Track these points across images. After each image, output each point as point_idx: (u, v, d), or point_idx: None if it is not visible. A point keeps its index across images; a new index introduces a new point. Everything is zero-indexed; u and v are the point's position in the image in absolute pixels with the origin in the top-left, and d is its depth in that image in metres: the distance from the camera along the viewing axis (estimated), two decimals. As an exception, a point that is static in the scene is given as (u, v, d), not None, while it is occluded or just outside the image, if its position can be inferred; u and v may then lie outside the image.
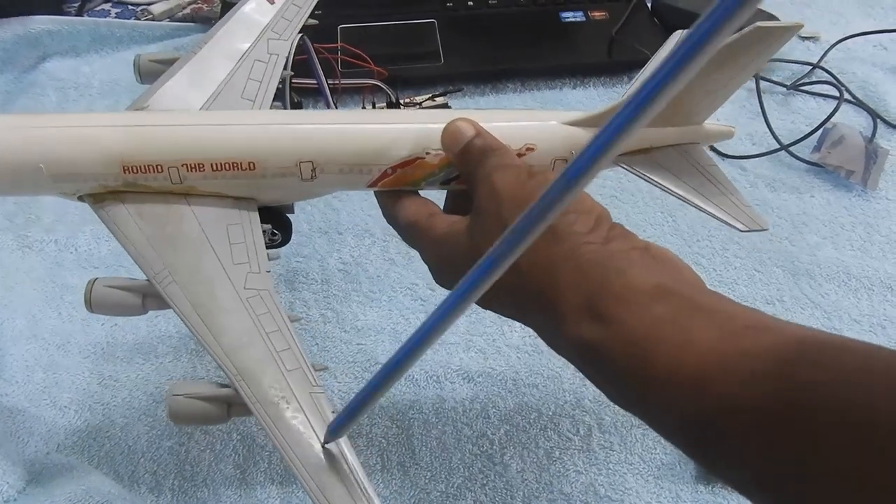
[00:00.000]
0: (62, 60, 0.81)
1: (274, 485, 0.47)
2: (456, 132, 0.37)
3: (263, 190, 0.39)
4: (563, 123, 0.39)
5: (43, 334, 0.55)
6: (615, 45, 0.77)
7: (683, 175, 0.39)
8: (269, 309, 0.36)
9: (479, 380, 0.52)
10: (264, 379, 0.34)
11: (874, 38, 0.80)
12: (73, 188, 0.38)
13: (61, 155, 0.36)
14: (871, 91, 0.74)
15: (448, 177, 0.39)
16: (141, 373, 0.53)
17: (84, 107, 0.76)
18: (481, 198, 0.33)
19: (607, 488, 0.47)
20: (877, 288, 0.58)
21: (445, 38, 0.77)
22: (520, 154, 0.38)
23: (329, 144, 0.38)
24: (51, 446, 0.49)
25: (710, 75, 0.37)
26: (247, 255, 0.37)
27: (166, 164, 0.37)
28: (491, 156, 0.35)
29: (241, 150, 0.37)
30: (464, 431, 0.50)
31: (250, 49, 0.43)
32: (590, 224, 0.32)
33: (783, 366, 0.24)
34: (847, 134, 0.66)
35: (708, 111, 0.40)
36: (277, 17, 0.45)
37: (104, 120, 0.38)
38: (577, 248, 0.30)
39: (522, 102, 0.75)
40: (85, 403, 0.51)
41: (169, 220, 0.37)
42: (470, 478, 0.47)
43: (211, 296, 0.35)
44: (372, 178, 0.38)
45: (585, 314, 0.29)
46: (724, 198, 0.39)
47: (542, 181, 0.33)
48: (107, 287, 0.38)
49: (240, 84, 0.42)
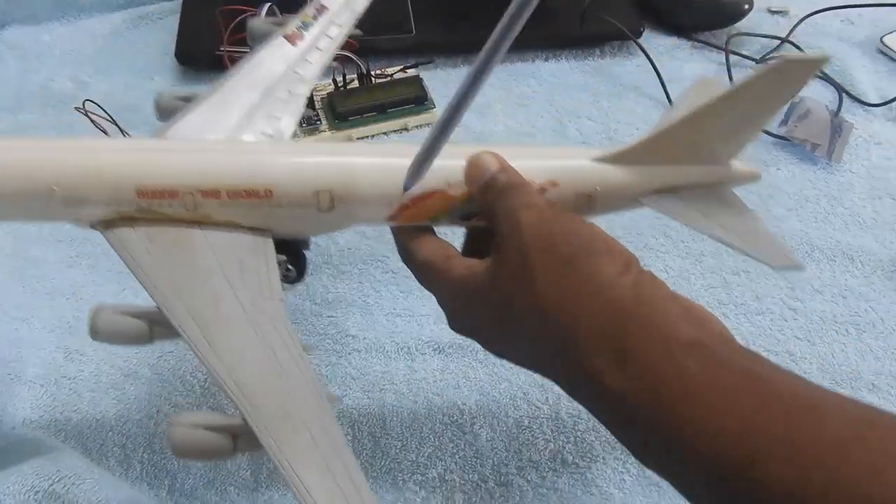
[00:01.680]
0: (21, 28, 0.78)
1: (244, 456, 0.47)
2: (479, 165, 0.35)
3: (279, 220, 0.37)
4: (589, 160, 0.38)
5: (6, 308, 0.54)
6: (587, 18, 0.77)
7: (712, 213, 0.39)
8: (281, 336, 0.35)
9: (449, 351, 0.53)
10: (275, 408, 0.32)
11: (842, 12, 0.81)
12: (85, 213, 0.36)
13: (75, 177, 0.35)
14: (838, 65, 0.75)
15: (468, 211, 0.37)
16: (108, 347, 0.52)
17: (45, 77, 0.74)
18: (503, 236, 0.32)
19: (574, 456, 0.48)
20: (839, 259, 0.59)
21: (417, 9, 0.76)
22: (543, 189, 0.37)
23: (348, 174, 0.37)
24: (16, 421, 0.49)
25: (734, 113, 0.36)
26: (259, 283, 0.36)
27: (182, 190, 0.35)
28: (514, 192, 0.34)
29: (257, 177, 0.36)
30: (434, 402, 0.50)
31: (271, 88, 0.43)
32: (618, 267, 0.30)
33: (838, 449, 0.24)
34: (813, 108, 0.67)
35: (734, 150, 0.39)
36: (300, 59, 0.45)
37: (120, 144, 0.37)
38: (604, 289, 0.29)
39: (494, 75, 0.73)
40: (51, 378, 0.51)
41: (181, 247, 0.36)
42: (440, 447, 0.48)
43: (218, 319, 0.34)
44: (391, 210, 0.37)
45: (611, 360, 0.28)
46: (756, 236, 0.38)
47: (566, 223, 0.32)
48: (114, 314, 0.36)
49: (259, 121, 0.41)
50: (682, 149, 0.38)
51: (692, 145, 0.38)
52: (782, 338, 0.54)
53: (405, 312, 0.55)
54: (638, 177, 0.38)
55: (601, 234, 0.32)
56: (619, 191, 0.38)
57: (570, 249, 0.30)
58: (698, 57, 0.77)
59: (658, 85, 0.72)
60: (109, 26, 0.79)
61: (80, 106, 0.62)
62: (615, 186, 0.38)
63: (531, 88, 0.73)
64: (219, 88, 0.42)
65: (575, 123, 0.70)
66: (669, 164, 0.38)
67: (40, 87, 0.73)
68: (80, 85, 0.73)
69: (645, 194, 0.39)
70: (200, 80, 0.73)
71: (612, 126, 0.70)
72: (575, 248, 0.31)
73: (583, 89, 0.73)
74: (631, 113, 0.71)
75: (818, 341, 0.54)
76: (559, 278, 0.30)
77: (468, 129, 0.69)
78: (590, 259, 0.30)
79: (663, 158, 0.38)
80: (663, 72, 0.73)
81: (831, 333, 0.54)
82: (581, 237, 0.31)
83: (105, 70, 0.74)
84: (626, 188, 0.38)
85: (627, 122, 0.70)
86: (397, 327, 0.54)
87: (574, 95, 0.73)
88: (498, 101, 0.72)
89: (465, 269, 0.34)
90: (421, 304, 0.55)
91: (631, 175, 0.38)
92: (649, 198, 0.39)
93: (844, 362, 0.53)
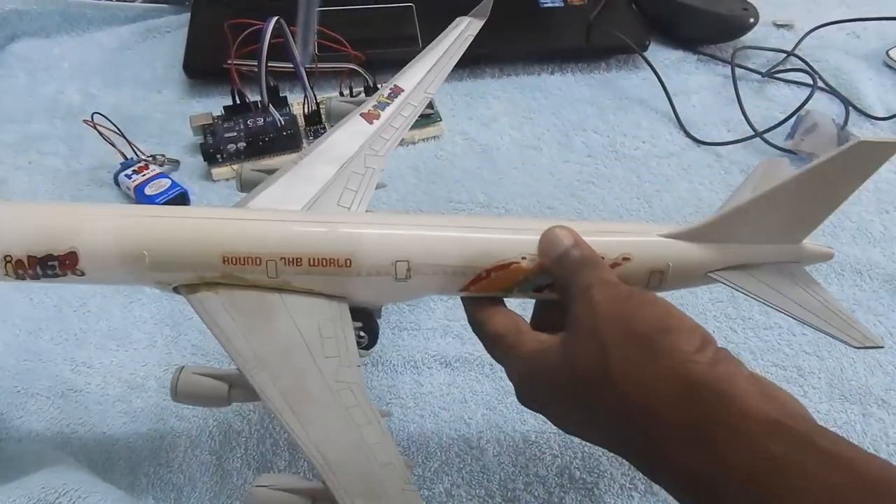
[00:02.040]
0: (31, 41, 0.79)
1: (250, 470, 0.47)
2: (553, 239, 0.36)
3: (356, 289, 0.39)
4: (661, 236, 0.39)
5: (14, 320, 0.54)
6: (593, 31, 0.77)
7: (784, 290, 0.39)
8: (359, 402, 0.35)
9: (456, 365, 0.52)
10: (355, 474, 0.33)
11: (847, 26, 0.81)
12: (171, 278, 0.38)
13: (165, 243, 0.37)
14: (844, 79, 0.75)
15: (541, 284, 0.38)
16: (115, 359, 0.53)
17: (54, 89, 0.74)
18: (577, 313, 0.33)
19: (582, 471, 0.47)
20: (846, 273, 0.59)
21: (423, 22, 0.76)
22: (615, 264, 0.38)
23: (426, 245, 0.38)
24: (23, 433, 0.48)
25: (807, 193, 0.36)
26: (337, 349, 0.37)
27: (265, 258, 0.37)
28: (588, 268, 0.35)
29: (338, 247, 0.37)
30: (441, 416, 0.50)
31: (348, 163, 0.45)
32: (695, 343, 0.30)
33: None
34: (820, 121, 0.67)
35: (807, 230, 0.39)
36: (375, 136, 0.47)
37: (208, 212, 0.39)
38: (681, 366, 0.29)
39: (500, 88, 0.75)
40: (57, 390, 0.51)
41: (261, 312, 0.37)
42: (447, 462, 0.48)
43: (301, 387, 0.35)
44: (466, 280, 0.38)
45: (692, 440, 0.28)
46: (831, 313, 0.38)
47: (641, 301, 0.32)
48: (195, 375, 0.38)
49: (336, 193, 0.43)
50: (754, 228, 0.38)
51: (764, 225, 0.38)
52: (790, 352, 0.54)
53: (411, 326, 0.55)
54: (710, 254, 0.39)
55: (675, 311, 0.32)
56: (692, 268, 0.39)
57: (645, 327, 0.31)
58: (704, 70, 0.77)
59: (664, 98, 0.72)
60: (118, 39, 0.80)
61: (89, 118, 0.62)
62: (687, 263, 0.39)
63: (537, 102, 0.74)
64: (298, 163, 0.44)
65: (581, 136, 0.70)
66: (741, 242, 0.39)
67: (49, 99, 0.73)
68: (89, 97, 0.73)
69: (716, 271, 0.39)
70: (209, 92, 0.73)
71: (619, 139, 0.70)
72: (650, 326, 0.31)
73: (589, 102, 0.74)
74: (637, 126, 0.71)
75: (827, 356, 0.54)
76: (635, 357, 0.30)
77: (473, 140, 0.69)
78: (666, 337, 0.30)
79: (736, 237, 0.39)
80: (669, 85, 0.73)
81: (840, 348, 0.54)
82: (655, 315, 0.31)
83: (113, 82, 0.75)
84: (698, 265, 0.39)
85: (633, 136, 0.70)
86: (403, 341, 0.54)
87: (580, 108, 0.73)
88: (504, 114, 0.72)
89: (537, 343, 0.34)
90: (427, 318, 0.55)
91: (703, 252, 0.39)
92: (719, 273, 0.39)
93: (853, 377, 0.52)
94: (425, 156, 0.68)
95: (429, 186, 0.65)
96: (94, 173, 0.65)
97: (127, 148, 0.64)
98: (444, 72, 0.52)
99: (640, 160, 0.68)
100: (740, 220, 0.38)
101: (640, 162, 0.68)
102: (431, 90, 0.51)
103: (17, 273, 0.37)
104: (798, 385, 0.52)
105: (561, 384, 0.32)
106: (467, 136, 0.70)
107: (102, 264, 0.37)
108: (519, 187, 0.65)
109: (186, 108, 0.71)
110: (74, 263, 0.36)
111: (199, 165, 0.66)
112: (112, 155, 0.64)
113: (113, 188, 0.64)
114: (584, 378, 0.31)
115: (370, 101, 0.49)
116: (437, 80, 0.51)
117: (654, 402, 0.29)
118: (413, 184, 0.65)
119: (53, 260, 0.36)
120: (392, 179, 0.65)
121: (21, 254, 0.36)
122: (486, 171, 0.67)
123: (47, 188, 0.64)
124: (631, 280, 0.37)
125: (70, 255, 0.36)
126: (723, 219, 0.38)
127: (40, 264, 0.36)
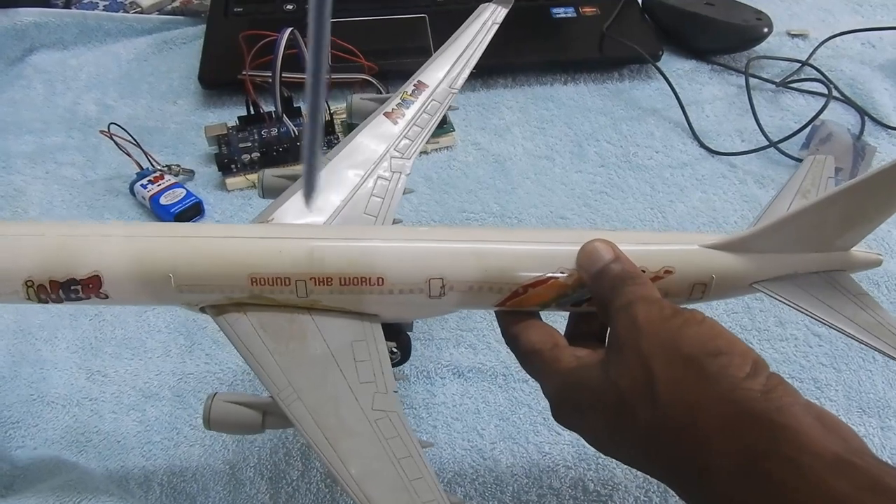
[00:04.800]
0: (49, 53, 0.80)
1: (264, 480, 0.47)
2: (593, 253, 0.35)
3: (388, 307, 0.37)
4: (703, 246, 0.38)
5: (30, 329, 0.55)
6: (606, 41, 0.77)
7: (832, 302, 0.37)
8: (398, 432, 0.34)
9: (469, 375, 0.52)
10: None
11: (862, 35, 0.81)
12: (197, 299, 0.37)
13: (190, 265, 0.36)
14: (859, 88, 0.74)
15: (580, 299, 0.37)
16: (130, 368, 0.53)
17: (71, 100, 0.75)
18: (620, 331, 0.31)
19: (596, 483, 0.47)
20: (864, 284, 0.58)
21: (436, 32, 0.77)
22: (658, 277, 0.37)
23: (460, 261, 0.36)
24: (38, 441, 0.49)
25: (858, 203, 0.35)
26: (373, 374, 0.36)
27: (294, 278, 0.36)
28: (629, 284, 0.33)
29: (370, 265, 0.36)
30: (454, 426, 0.50)
31: (373, 167, 0.43)
32: (746, 369, 0.28)
33: None
34: (835, 131, 0.67)
35: (855, 238, 0.38)
36: (400, 137, 0.45)
37: (233, 231, 0.37)
38: (733, 392, 0.27)
39: (513, 98, 0.75)
40: (73, 398, 0.51)
41: (293, 335, 0.36)
42: (460, 473, 0.48)
43: (338, 417, 0.34)
44: (502, 297, 0.37)
45: (743, 471, 0.26)
46: (880, 326, 0.36)
47: (687, 320, 0.30)
48: (228, 402, 0.37)
49: (363, 200, 0.42)
50: (800, 237, 0.37)
51: (811, 234, 0.37)
52: (807, 364, 0.53)
53: (424, 336, 0.55)
54: (754, 264, 0.37)
55: (725, 332, 0.30)
56: (735, 279, 0.37)
57: (693, 349, 0.29)
58: (718, 80, 0.77)
59: (677, 108, 0.72)
60: (134, 51, 0.81)
61: (105, 128, 0.63)
62: (731, 274, 0.37)
63: (550, 112, 0.74)
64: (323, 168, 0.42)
65: (594, 147, 0.70)
66: (786, 252, 0.37)
67: (66, 110, 0.74)
68: (105, 108, 0.74)
69: (760, 282, 0.38)
70: (223, 103, 0.74)
71: (632, 150, 0.70)
72: (698, 348, 0.29)
73: (602, 113, 0.73)
74: (650, 136, 0.71)
75: (844, 368, 0.53)
76: (682, 379, 0.28)
77: (486, 151, 0.69)
78: (715, 360, 0.28)
79: (780, 247, 0.37)
80: (682, 95, 0.73)
81: (857, 360, 0.53)
82: (704, 335, 0.30)
83: (129, 93, 0.76)
84: (742, 276, 0.37)
85: (647, 146, 0.70)
86: (416, 350, 0.54)
87: (593, 119, 0.73)
88: (516, 124, 0.72)
89: (575, 360, 0.33)
90: (440, 328, 0.55)
91: (747, 263, 0.37)
92: (765, 284, 0.37)
93: (872, 390, 0.52)
94: (438, 166, 0.68)
95: (441, 196, 0.65)
96: (110, 183, 0.66)
97: (143, 158, 0.65)
98: (470, 64, 0.49)
99: (653, 170, 0.68)
100: (786, 230, 0.37)
101: (653, 172, 0.68)
102: (457, 85, 0.48)
103: (40, 297, 0.36)
104: (815, 397, 0.51)
105: (601, 406, 0.31)
106: (480, 146, 0.70)
107: (127, 287, 0.36)
108: (532, 197, 0.65)
109: (201, 118, 0.72)
110: (98, 287, 0.36)
111: (214, 175, 0.66)
112: (128, 165, 0.65)
113: (129, 198, 0.64)
114: (628, 399, 0.30)
115: (394, 98, 0.47)
116: (463, 74, 0.49)
117: (702, 427, 0.27)
118: (426, 194, 0.65)
119: (76, 284, 0.35)
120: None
121: (43, 279, 0.35)
122: (499, 182, 0.67)
123: (64, 198, 0.65)
124: (672, 292, 0.36)
125: (93, 279, 0.35)
126: (768, 229, 0.37)
127: (63, 289, 0.35)
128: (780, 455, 0.26)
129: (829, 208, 0.36)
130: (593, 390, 0.31)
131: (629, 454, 0.31)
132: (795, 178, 0.44)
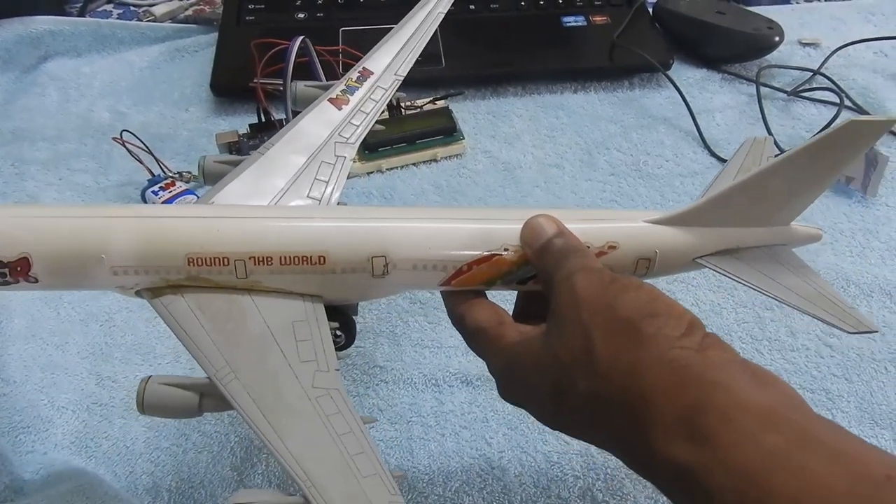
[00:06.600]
0: (63, 60, 0.81)
1: (271, 487, 0.47)
2: (536, 228, 0.35)
3: (331, 287, 0.37)
4: (647, 222, 0.38)
5: (41, 334, 0.55)
6: (616, 50, 0.77)
7: (774, 275, 0.38)
8: (339, 409, 0.34)
9: (477, 383, 0.52)
10: (337, 486, 0.31)
11: (874, 44, 0.81)
12: (132, 282, 0.36)
13: (124, 246, 0.34)
14: (871, 97, 0.74)
15: (525, 276, 0.37)
16: (139, 373, 0.53)
17: (84, 107, 0.76)
18: (560, 302, 0.31)
19: (605, 493, 0.47)
20: (875, 294, 0.58)
21: (447, 41, 0.77)
22: (602, 253, 0.37)
23: (403, 239, 0.36)
24: (48, 446, 0.49)
25: (797, 174, 0.36)
26: (314, 353, 0.35)
27: (233, 257, 0.35)
28: (571, 256, 0.33)
29: (311, 243, 0.35)
30: (462, 435, 0.50)
31: (317, 151, 0.43)
32: (681, 328, 0.29)
33: None
34: (847, 140, 0.66)
35: (795, 212, 0.39)
36: (344, 122, 0.45)
37: (169, 211, 0.37)
38: (668, 352, 0.28)
39: (523, 106, 0.75)
40: (83, 403, 0.51)
41: (231, 316, 0.35)
42: (468, 482, 0.47)
43: (276, 394, 0.33)
44: (446, 275, 0.37)
45: (682, 431, 0.26)
46: (823, 298, 0.37)
47: (625, 286, 0.31)
48: (162, 385, 0.36)
49: (305, 185, 0.41)
50: (741, 211, 0.37)
51: (752, 207, 0.37)
52: (818, 375, 0.53)
53: (433, 344, 0.55)
54: (697, 239, 0.38)
55: (661, 295, 0.31)
56: (679, 253, 0.38)
57: (630, 312, 0.29)
58: (728, 89, 0.77)
59: (688, 117, 0.72)
60: (147, 59, 0.81)
61: (118, 135, 0.64)
62: (674, 249, 0.38)
63: (560, 120, 0.74)
64: (264, 153, 0.42)
65: (604, 155, 0.70)
66: (729, 226, 0.38)
67: (80, 117, 0.75)
68: (118, 115, 0.75)
69: (703, 256, 0.38)
70: (235, 111, 0.75)
71: (642, 158, 0.69)
72: (635, 311, 0.29)
73: (612, 121, 0.73)
74: (660, 145, 0.71)
75: (856, 379, 0.52)
76: (620, 343, 0.29)
77: (496, 158, 0.69)
78: (651, 321, 0.29)
79: (722, 220, 0.38)
80: (693, 104, 0.73)
81: (869, 371, 0.53)
82: (641, 299, 0.30)
83: (142, 101, 0.76)
84: (685, 251, 0.38)
85: (657, 154, 0.70)
86: (425, 358, 0.54)
87: (603, 127, 0.73)
88: (526, 132, 0.72)
89: (519, 335, 0.33)
90: (449, 336, 0.55)
91: (690, 237, 0.38)
92: (707, 259, 0.38)
93: (884, 401, 0.51)
94: (448, 173, 0.68)
95: (451, 204, 0.65)
96: (122, 189, 0.67)
97: (154, 165, 0.65)
98: (416, 52, 0.49)
99: (663, 179, 0.68)
100: (727, 204, 0.37)
101: (663, 181, 0.67)
102: (402, 72, 0.48)
103: None
104: (827, 409, 0.51)
105: (544, 376, 0.31)
106: (490, 154, 0.70)
107: (56, 269, 0.34)
108: (541, 206, 0.64)
109: (213, 125, 0.73)
110: (26, 270, 0.34)
111: (225, 182, 0.67)
112: (140, 171, 0.65)
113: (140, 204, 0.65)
114: (569, 368, 0.30)
115: (338, 85, 0.47)
116: (408, 62, 0.49)
117: (641, 389, 0.27)
118: (436, 201, 0.65)
119: (4, 267, 0.34)
120: (415, 197, 0.66)
121: None
122: (509, 190, 0.67)
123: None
124: (618, 268, 0.36)
125: (21, 262, 0.34)
126: (710, 202, 0.37)
127: None
128: (714, 410, 0.26)
129: (769, 179, 0.36)
130: (536, 363, 0.31)
131: (574, 425, 0.31)
132: (736, 158, 0.44)
